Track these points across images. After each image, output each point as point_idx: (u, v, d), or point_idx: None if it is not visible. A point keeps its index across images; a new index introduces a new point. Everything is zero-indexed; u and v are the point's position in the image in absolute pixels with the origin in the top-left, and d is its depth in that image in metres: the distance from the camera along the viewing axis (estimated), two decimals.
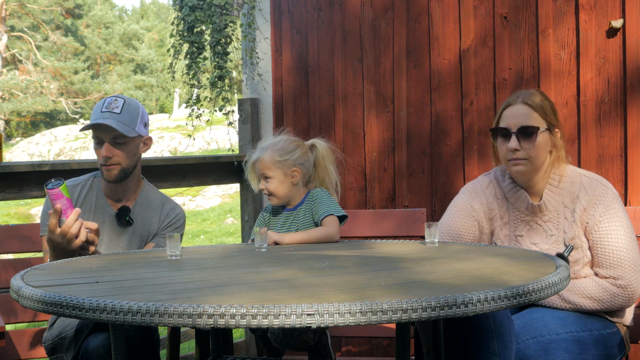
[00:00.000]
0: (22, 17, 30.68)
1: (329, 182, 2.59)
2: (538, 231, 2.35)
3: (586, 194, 2.29)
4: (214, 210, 13.52)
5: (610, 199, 2.28)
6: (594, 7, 3.09)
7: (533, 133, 2.28)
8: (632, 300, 2.27)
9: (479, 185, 2.48)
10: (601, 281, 2.26)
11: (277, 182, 2.52)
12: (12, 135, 27.54)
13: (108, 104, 2.54)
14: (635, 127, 3.00)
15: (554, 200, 2.33)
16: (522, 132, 2.28)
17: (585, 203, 2.28)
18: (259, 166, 2.53)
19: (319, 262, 2.00)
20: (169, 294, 1.57)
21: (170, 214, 2.68)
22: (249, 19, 4.10)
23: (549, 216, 2.33)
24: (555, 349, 2.16)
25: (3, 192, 3.24)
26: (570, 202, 2.31)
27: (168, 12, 37.69)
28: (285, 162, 2.52)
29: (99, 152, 2.54)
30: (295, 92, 4.06)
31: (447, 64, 3.53)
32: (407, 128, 3.66)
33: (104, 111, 2.52)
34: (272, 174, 2.52)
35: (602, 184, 2.31)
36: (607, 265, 2.25)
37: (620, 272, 2.24)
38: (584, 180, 2.32)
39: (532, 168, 2.30)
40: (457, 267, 1.88)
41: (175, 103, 26.03)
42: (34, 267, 2.06)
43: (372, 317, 1.36)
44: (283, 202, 2.57)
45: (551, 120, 2.31)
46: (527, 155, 2.28)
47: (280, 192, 2.53)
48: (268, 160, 2.52)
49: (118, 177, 2.55)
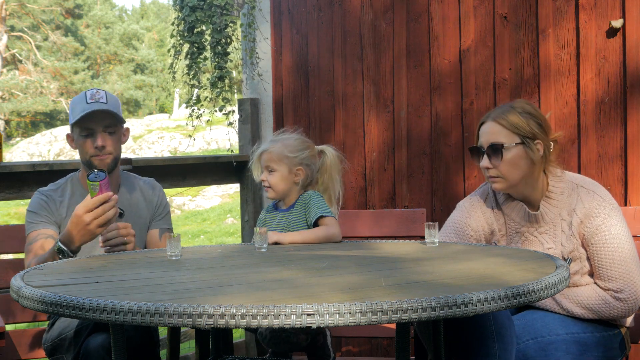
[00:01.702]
0: (22, 17, 30.69)
1: (332, 190, 2.58)
2: (534, 243, 2.32)
3: (583, 206, 2.25)
4: (214, 210, 13.52)
5: (608, 211, 2.23)
6: (594, 7, 3.09)
7: (499, 150, 2.24)
8: (631, 312, 2.25)
9: (477, 201, 2.43)
10: (602, 292, 2.24)
11: (279, 177, 2.53)
12: (12, 135, 27.54)
13: (92, 95, 2.54)
14: (635, 127, 3.00)
15: (550, 212, 2.29)
16: (491, 149, 2.26)
17: (582, 215, 2.25)
18: (266, 157, 2.54)
19: (319, 262, 2.00)
20: (169, 294, 1.57)
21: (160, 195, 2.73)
22: (249, 19, 4.10)
23: (545, 227, 2.30)
24: (555, 349, 2.16)
25: (3, 192, 3.24)
26: (567, 215, 2.27)
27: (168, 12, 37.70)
28: (293, 159, 2.53)
29: (88, 144, 2.52)
30: (295, 92, 4.06)
31: (447, 64, 3.53)
32: (407, 128, 3.66)
33: (90, 102, 2.52)
34: (277, 167, 2.53)
35: (600, 196, 2.26)
36: (606, 278, 2.22)
37: (620, 285, 2.20)
38: (581, 192, 2.27)
39: (508, 184, 2.26)
40: (457, 267, 1.88)
41: (175, 103, 26.04)
42: (34, 267, 2.06)
43: (372, 317, 1.36)
44: (278, 198, 2.58)
45: (526, 134, 2.24)
46: (498, 173, 2.26)
47: (279, 187, 2.54)
48: (277, 153, 2.53)
49: (111, 167, 2.56)
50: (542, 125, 2.27)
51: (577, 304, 2.25)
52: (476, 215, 2.40)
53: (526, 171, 2.26)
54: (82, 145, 2.55)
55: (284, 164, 2.53)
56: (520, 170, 2.25)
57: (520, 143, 2.24)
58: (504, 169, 2.25)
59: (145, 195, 2.70)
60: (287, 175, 2.53)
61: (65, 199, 2.58)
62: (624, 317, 2.26)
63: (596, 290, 2.25)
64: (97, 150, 2.52)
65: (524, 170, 2.25)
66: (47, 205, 2.55)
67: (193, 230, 11.98)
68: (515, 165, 2.24)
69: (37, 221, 2.52)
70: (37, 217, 2.53)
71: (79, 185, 2.63)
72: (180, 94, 25.16)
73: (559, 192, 2.28)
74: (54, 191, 2.60)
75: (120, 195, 2.63)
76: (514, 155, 2.24)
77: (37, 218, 2.53)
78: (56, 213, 2.55)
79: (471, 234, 2.40)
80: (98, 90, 2.57)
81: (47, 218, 2.53)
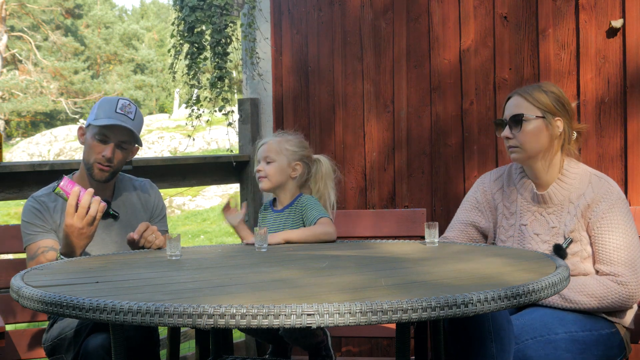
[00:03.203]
0: (22, 17, 30.68)
1: (327, 198, 2.61)
2: (541, 222, 2.40)
3: (592, 191, 2.33)
4: (214, 210, 13.52)
5: (615, 198, 2.30)
6: (594, 7, 3.09)
7: (520, 120, 2.37)
8: (632, 300, 2.27)
9: (488, 177, 2.58)
10: (602, 278, 2.27)
11: (277, 167, 2.55)
12: (12, 135, 27.54)
13: (123, 106, 2.52)
14: (635, 127, 3.00)
15: (560, 194, 2.37)
16: (512, 120, 2.38)
17: (589, 200, 2.32)
18: (267, 147, 2.58)
19: (319, 262, 2.00)
20: (169, 294, 1.57)
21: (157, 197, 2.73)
22: (249, 19, 4.10)
23: (554, 209, 2.38)
24: (554, 348, 2.17)
25: (3, 192, 3.24)
26: (576, 198, 2.35)
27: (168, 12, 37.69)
28: (293, 153, 2.57)
29: (99, 149, 2.49)
30: (295, 92, 4.06)
31: (447, 64, 3.53)
32: (407, 128, 3.66)
33: (119, 112, 2.50)
34: (276, 157, 2.55)
35: (609, 183, 2.34)
36: (607, 262, 2.27)
37: (620, 270, 2.25)
38: (592, 179, 2.36)
39: (526, 155, 2.37)
40: (457, 267, 1.88)
41: (175, 103, 26.02)
42: (34, 267, 2.06)
43: (372, 317, 1.36)
44: (272, 190, 2.59)
45: (548, 109, 2.36)
46: (517, 143, 2.37)
47: (275, 177, 2.55)
48: (278, 144, 2.57)
49: (108, 179, 2.54)
50: (564, 106, 2.39)
51: (580, 292, 2.26)
52: (483, 189, 2.55)
53: (544, 145, 2.36)
54: (91, 146, 2.51)
55: (283, 155, 2.56)
56: (538, 143, 2.36)
57: (541, 117, 2.36)
58: (523, 139, 2.36)
59: (142, 198, 2.69)
60: (285, 168, 2.56)
61: (58, 204, 2.53)
62: (627, 305, 2.28)
63: (597, 277, 2.28)
64: (102, 159, 2.49)
65: (542, 143, 2.36)
66: (41, 214, 2.50)
67: (193, 230, 11.98)
68: (534, 137, 2.35)
69: (34, 232, 2.49)
70: (33, 227, 2.49)
71: None
72: (180, 94, 25.16)
73: (572, 176, 2.37)
74: (47, 196, 2.54)
75: (116, 198, 2.62)
76: (534, 127, 2.36)
77: (34, 229, 2.49)
78: (50, 220, 2.51)
79: (477, 206, 2.55)
80: (130, 104, 2.54)
81: (43, 227, 2.49)
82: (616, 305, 2.26)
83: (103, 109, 2.52)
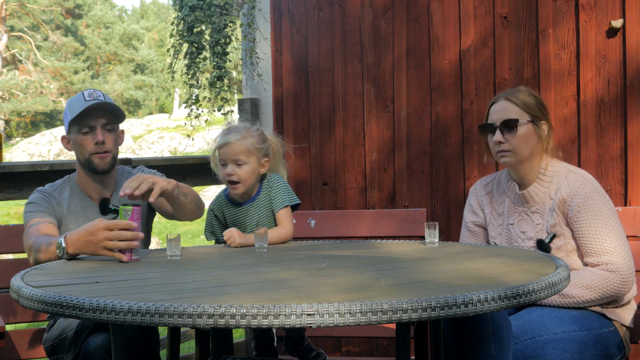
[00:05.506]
0: (22, 17, 30.69)
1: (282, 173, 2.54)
2: (527, 221, 2.45)
3: (567, 185, 2.38)
4: None
5: (589, 190, 2.35)
6: (594, 7, 3.09)
7: (514, 125, 2.40)
8: (627, 285, 2.28)
9: (480, 183, 2.64)
10: (594, 269, 2.30)
11: (249, 170, 2.41)
12: (12, 135, 27.53)
13: (89, 94, 2.54)
14: (635, 127, 3.00)
15: (540, 192, 2.43)
16: (504, 125, 2.42)
17: (565, 194, 2.37)
18: (234, 149, 2.39)
19: (319, 262, 2.00)
20: (169, 294, 1.57)
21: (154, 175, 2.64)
22: (248, 19, 4.10)
23: (536, 207, 2.43)
24: (553, 348, 2.17)
25: (3, 192, 3.24)
26: (554, 194, 2.41)
27: (168, 12, 37.69)
28: (262, 150, 2.43)
29: (88, 141, 2.52)
30: (295, 92, 4.06)
31: (447, 64, 3.53)
32: (407, 128, 3.66)
33: (88, 100, 2.52)
34: (247, 159, 2.41)
35: (583, 177, 2.39)
36: (593, 254, 2.30)
37: (609, 258, 2.28)
38: (569, 175, 2.41)
39: (518, 159, 2.42)
40: (457, 267, 1.88)
41: (175, 103, 26.03)
42: (34, 267, 2.06)
43: (372, 317, 1.36)
44: (245, 192, 2.45)
45: (535, 113, 2.43)
46: (510, 147, 2.41)
47: (249, 181, 2.42)
48: (247, 144, 2.40)
49: (110, 166, 2.56)
50: (546, 109, 2.48)
51: (575, 286, 2.28)
52: (475, 194, 2.63)
53: (534, 148, 2.42)
54: (81, 142, 2.54)
55: (254, 155, 2.41)
56: (529, 146, 2.42)
57: (531, 121, 2.42)
58: (516, 143, 2.41)
59: None
60: (257, 168, 2.43)
61: (64, 199, 2.58)
62: (622, 292, 2.29)
63: (589, 269, 2.31)
64: (97, 147, 2.52)
65: (532, 146, 2.42)
66: (48, 201, 2.55)
67: (193, 230, 11.98)
68: (526, 141, 2.41)
69: (37, 210, 2.51)
70: (38, 207, 2.52)
71: (77, 187, 2.62)
72: (180, 94, 25.16)
73: (551, 174, 2.43)
74: (53, 190, 2.60)
75: (117, 190, 2.63)
76: (526, 130, 2.41)
77: (38, 208, 2.52)
78: (57, 208, 2.55)
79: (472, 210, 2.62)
80: (95, 90, 2.58)
81: (48, 209, 2.53)
82: (613, 293, 2.27)
83: (73, 106, 2.55)
